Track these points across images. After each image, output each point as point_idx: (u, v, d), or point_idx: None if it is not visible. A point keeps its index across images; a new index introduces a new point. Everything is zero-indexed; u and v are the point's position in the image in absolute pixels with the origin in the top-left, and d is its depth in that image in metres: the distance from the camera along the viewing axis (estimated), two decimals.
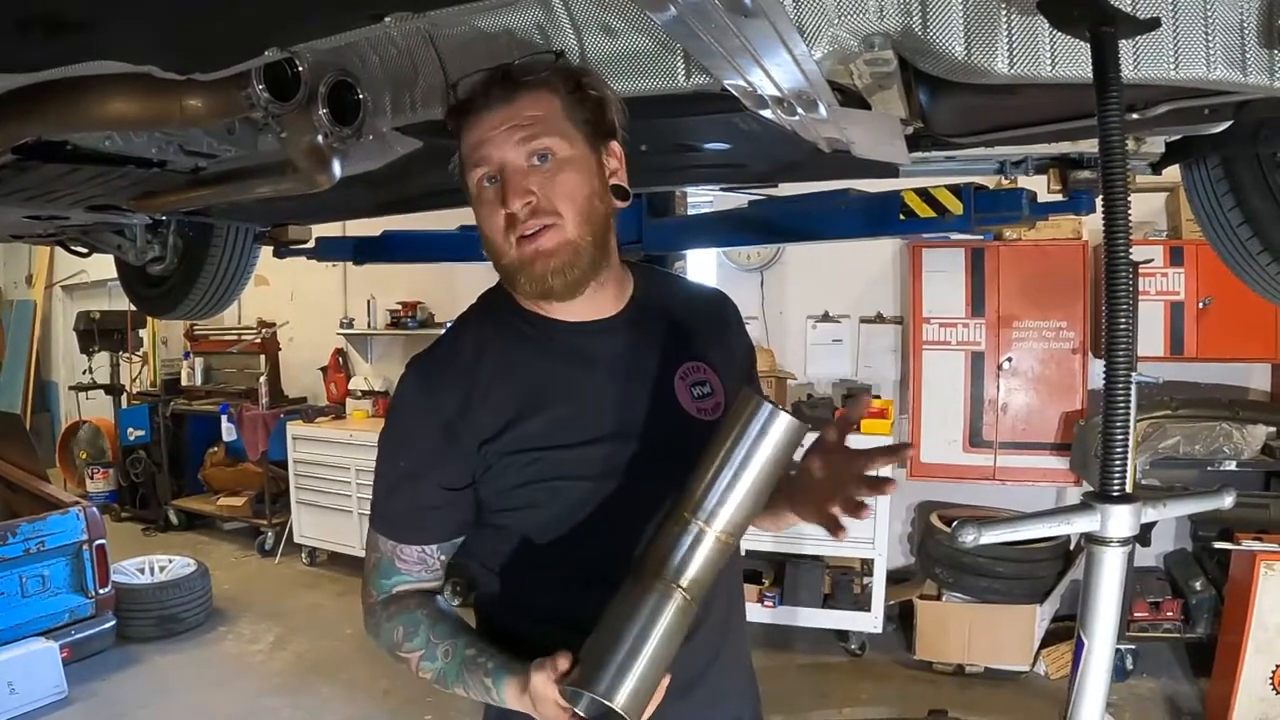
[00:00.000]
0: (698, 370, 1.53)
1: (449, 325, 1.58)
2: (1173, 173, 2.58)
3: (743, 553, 1.62)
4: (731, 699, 1.60)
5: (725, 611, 1.54)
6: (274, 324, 8.43)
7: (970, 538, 1.15)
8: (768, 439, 1.15)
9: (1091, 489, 1.19)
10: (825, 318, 6.24)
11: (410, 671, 1.43)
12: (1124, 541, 1.16)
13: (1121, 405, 1.13)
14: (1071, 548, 5.23)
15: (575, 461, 1.40)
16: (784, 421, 1.13)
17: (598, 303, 1.47)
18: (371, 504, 1.50)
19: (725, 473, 1.18)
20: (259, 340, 8.37)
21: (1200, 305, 5.02)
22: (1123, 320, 1.14)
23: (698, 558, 1.22)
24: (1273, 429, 4.82)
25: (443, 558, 1.49)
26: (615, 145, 1.45)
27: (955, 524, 1.19)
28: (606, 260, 1.44)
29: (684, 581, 1.21)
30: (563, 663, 1.24)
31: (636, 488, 1.41)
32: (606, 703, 1.17)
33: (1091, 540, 1.18)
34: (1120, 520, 1.15)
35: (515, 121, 1.34)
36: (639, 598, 1.21)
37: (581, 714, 1.23)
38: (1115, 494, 1.15)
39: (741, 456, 1.17)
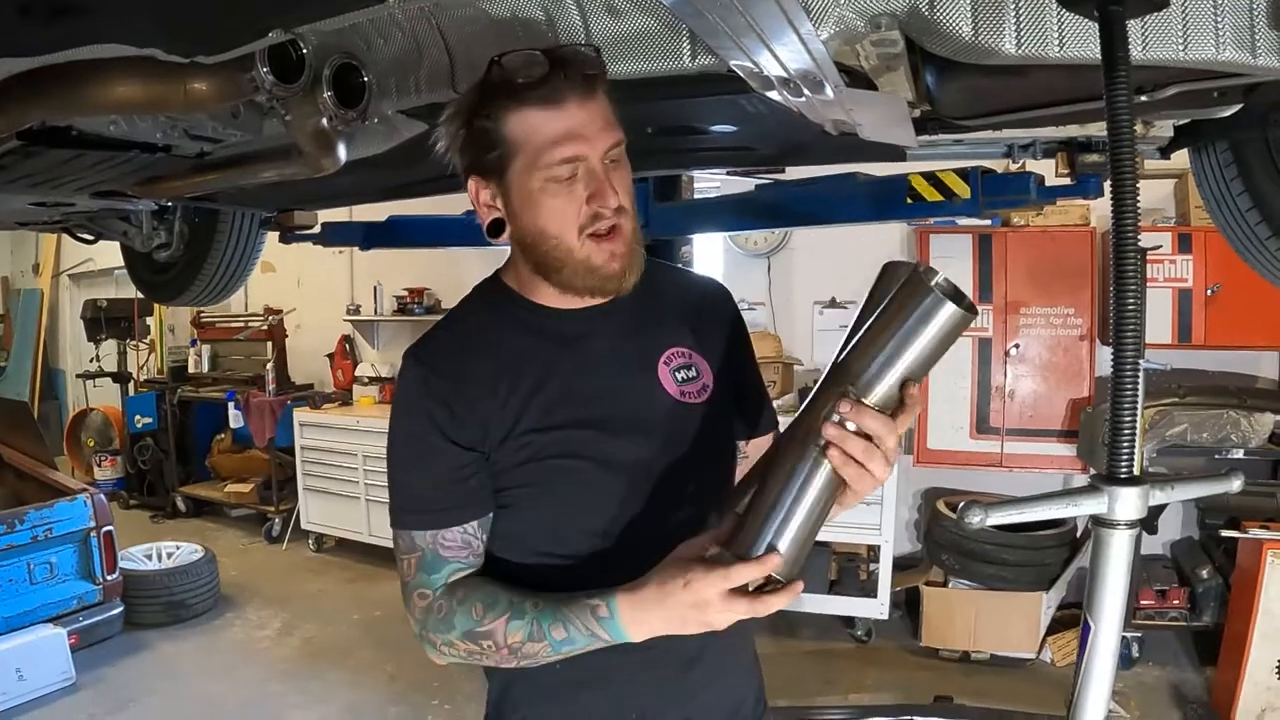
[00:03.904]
0: (682, 355, 1.54)
1: (447, 313, 1.59)
2: (1181, 159, 2.57)
3: None
4: (732, 679, 1.60)
5: None
6: (281, 311, 8.43)
7: (977, 519, 1.15)
8: (931, 325, 1.14)
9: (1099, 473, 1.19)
10: (832, 303, 6.23)
11: (493, 646, 1.36)
12: (1131, 524, 1.16)
13: (1129, 387, 1.13)
14: (1078, 535, 5.23)
15: (564, 441, 1.41)
16: (947, 311, 1.12)
17: None
18: (395, 508, 1.47)
19: (884, 349, 1.16)
20: (266, 327, 8.37)
21: (1208, 292, 5.00)
22: (1130, 301, 1.13)
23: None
24: None
25: (483, 537, 1.45)
26: None
27: (962, 505, 1.19)
28: None
29: None
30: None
31: (621, 468, 1.44)
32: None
33: (1099, 523, 1.18)
34: (1128, 502, 1.14)
35: (602, 121, 1.35)
36: (793, 464, 1.22)
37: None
38: (1123, 476, 1.14)
39: (902, 335, 1.15)
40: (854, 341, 1.22)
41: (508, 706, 1.55)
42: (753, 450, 1.69)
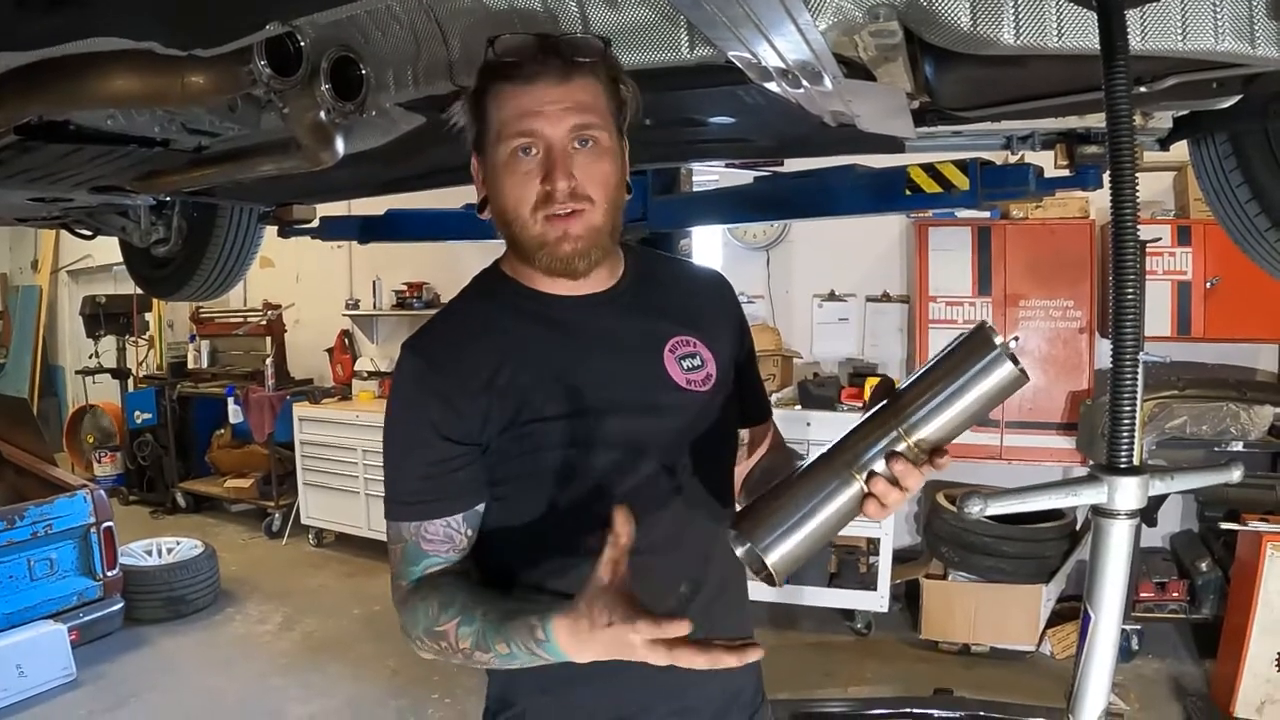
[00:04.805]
0: (687, 344, 1.54)
1: (446, 304, 1.59)
2: (1181, 152, 2.56)
3: None
4: (730, 670, 1.59)
5: (721, 577, 1.54)
6: (280, 306, 8.43)
7: (977, 509, 1.15)
8: (987, 378, 1.17)
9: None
10: (831, 296, 6.23)
11: (450, 648, 1.36)
12: (1131, 514, 1.16)
13: (1128, 377, 1.13)
14: (1077, 528, 5.23)
15: (566, 430, 1.41)
16: (1005, 369, 1.15)
17: (593, 279, 1.47)
18: (386, 499, 1.48)
19: (938, 393, 1.20)
20: (265, 322, 8.38)
21: (1208, 285, 5.00)
22: (1129, 293, 1.13)
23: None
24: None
25: (469, 533, 1.45)
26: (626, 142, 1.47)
27: (961, 495, 1.19)
28: (616, 243, 1.47)
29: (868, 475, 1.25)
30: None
31: (627, 455, 1.43)
32: (761, 556, 1.23)
33: (1099, 513, 1.17)
34: (1127, 492, 1.14)
35: (571, 102, 1.34)
36: (823, 477, 1.25)
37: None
38: (1123, 466, 1.14)
39: (957, 384, 1.18)
40: (912, 381, 1.24)
41: (507, 700, 1.55)
42: (750, 439, 1.69)
